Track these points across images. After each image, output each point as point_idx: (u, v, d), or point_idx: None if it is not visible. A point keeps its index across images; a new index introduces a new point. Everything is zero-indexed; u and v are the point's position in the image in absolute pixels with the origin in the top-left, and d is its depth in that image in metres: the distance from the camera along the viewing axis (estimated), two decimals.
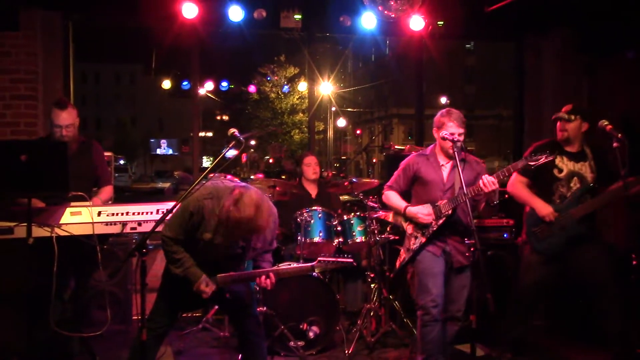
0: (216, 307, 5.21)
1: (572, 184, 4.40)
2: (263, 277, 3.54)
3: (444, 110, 4.20)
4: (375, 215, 5.25)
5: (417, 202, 4.26)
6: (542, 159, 3.83)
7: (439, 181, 4.18)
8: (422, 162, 4.26)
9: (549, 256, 4.42)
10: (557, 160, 4.42)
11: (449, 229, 4.14)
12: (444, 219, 4.09)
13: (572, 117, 4.40)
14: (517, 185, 4.59)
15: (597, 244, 4.38)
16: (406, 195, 4.37)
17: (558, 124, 4.49)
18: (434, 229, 4.11)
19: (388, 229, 5.30)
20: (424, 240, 4.13)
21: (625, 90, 6.09)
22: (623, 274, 4.20)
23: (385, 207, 4.70)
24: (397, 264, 4.32)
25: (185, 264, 3.43)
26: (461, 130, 4.08)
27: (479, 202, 4.11)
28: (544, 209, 4.39)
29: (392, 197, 4.36)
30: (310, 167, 5.88)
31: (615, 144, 3.96)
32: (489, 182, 3.81)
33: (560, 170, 4.43)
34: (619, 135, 3.94)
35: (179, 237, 3.44)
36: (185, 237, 3.45)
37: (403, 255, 4.26)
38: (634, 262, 3.80)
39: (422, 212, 4.12)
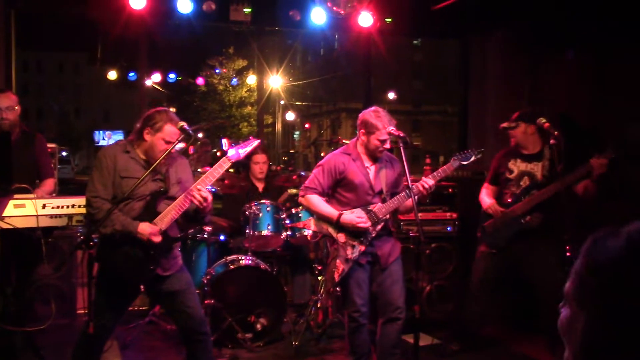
0: None
1: (521, 183, 4.58)
2: (194, 195, 3.40)
3: (371, 110, 3.99)
4: (296, 226, 5.25)
5: (341, 207, 4.00)
6: (472, 158, 4.05)
7: (367, 185, 3.99)
8: (348, 163, 4.00)
9: (496, 248, 4.60)
10: (510, 163, 4.62)
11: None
12: (382, 224, 3.99)
13: (514, 124, 4.57)
14: (481, 192, 4.81)
15: (548, 238, 4.51)
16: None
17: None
18: (373, 235, 3.97)
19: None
20: (363, 248, 3.95)
21: (565, 89, 6.32)
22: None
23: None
24: (336, 276, 3.96)
25: (119, 218, 3.35)
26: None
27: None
28: (486, 201, 4.66)
29: (318, 203, 4.01)
30: (258, 165, 5.83)
31: (552, 141, 4.14)
32: (428, 184, 3.87)
33: (511, 172, 4.62)
34: (556, 132, 4.12)
35: (105, 197, 3.41)
36: (110, 197, 3.42)
37: (341, 266, 3.95)
38: (568, 254, 3.96)
39: (360, 219, 3.90)
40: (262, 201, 5.37)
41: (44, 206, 3.94)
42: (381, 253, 4.02)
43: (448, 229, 5.71)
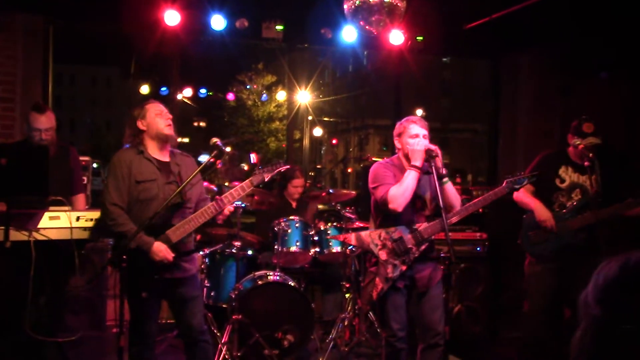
0: None
1: (573, 195, 4.35)
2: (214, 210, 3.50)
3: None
4: (337, 239, 5.28)
5: (385, 222, 3.84)
6: (525, 182, 3.93)
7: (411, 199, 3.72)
8: (397, 174, 3.78)
9: (540, 259, 4.36)
10: (561, 171, 4.35)
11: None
12: (426, 244, 3.80)
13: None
14: (521, 191, 4.41)
15: (595, 257, 4.36)
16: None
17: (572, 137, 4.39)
18: (416, 255, 3.77)
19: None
20: (404, 268, 3.76)
21: (598, 110, 6.25)
22: None
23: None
24: (374, 294, 3.82)
25: (133, 233, 3.40)
26: (425, 132, 3.78)
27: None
28: (544, 213, 4.31)
29: (401, 183, 3.69)
30: (297, 189, 5.99)
31: (586, 164, 4.07)
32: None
33: (563, 181, 4.38)
34: (590, 155, 4.06)
35: (122, 205, 3.48)
36: (126, 204, 3.50)
37: (380, 285, 3.79)
38: None
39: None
40: (291, 217, 5.39)
41: (77, 218, 4.01)
42: (419, 276, 3.83)
43: (477, 249, 5.66)
